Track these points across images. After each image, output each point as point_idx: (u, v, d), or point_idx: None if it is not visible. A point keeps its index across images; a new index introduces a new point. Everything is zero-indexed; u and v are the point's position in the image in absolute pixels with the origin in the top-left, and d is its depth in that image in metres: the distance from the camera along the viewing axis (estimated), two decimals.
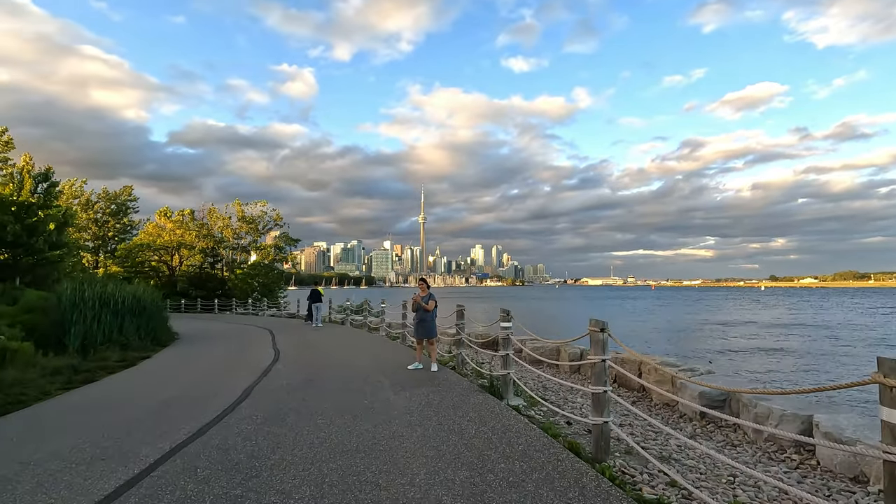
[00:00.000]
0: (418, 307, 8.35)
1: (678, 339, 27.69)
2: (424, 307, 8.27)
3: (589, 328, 4.30)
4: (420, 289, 8.60)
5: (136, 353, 11.71)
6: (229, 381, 7.57)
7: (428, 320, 8.33)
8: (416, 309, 8.43)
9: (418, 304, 8.31)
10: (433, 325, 8.39)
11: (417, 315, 8.42)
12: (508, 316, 6.65)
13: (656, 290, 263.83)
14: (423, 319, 8.34)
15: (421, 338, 8.52)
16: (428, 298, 8.37)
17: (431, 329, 8.37)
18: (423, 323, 8.34)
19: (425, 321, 8.34)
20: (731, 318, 44.96)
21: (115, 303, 12.82)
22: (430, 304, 8.31)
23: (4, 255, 20.90)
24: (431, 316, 8.37)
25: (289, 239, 43.82)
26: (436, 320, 8.49)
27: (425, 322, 8.34)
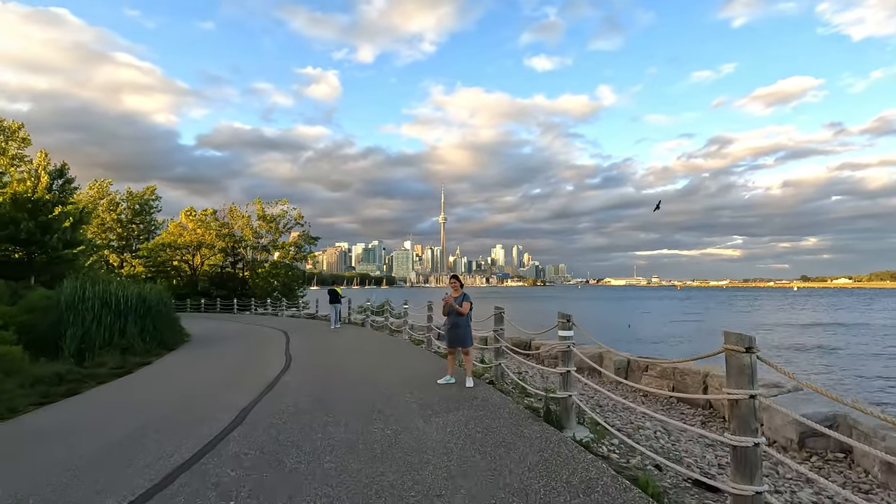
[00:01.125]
0: (450, 310, 6.99)
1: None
2: (458, 310, 6.90)
3: (725, 346, 2.85)
4: (452, 288, 7.21)
5: (138, 359, 10.66)
6: (227, 398, 6.34)
7: (462, 326, 6.96)
8: (447, 312, 7.05)
9: (450, 306, 6.94)
10: (468, 331, 7.01)
11: (449, 319, 7.05)
12: (569, 322, 5.23)
13: (682, 290, 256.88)
14: (457, 324, 6.97)
15: (453, 347, 7.15)
16: (462, 299, 6.99)
17: (466, 336, 6.99)
18: (457, 329, 6.97)
19: (459, 327, 6.96)
20: (781, 319, 42.30)
21: (117, 303, 11.83)
22: (465, 307, 6.93)
23: (19, 254, 20.39)
24: (466, 320, 7.00)
25: (309, 238, 43.09)
26: (471, 325, 7.11)
27: (459, 328, 6.97)
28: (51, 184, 21.28)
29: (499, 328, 7.50)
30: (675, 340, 27.76)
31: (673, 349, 24.14)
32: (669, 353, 21.97)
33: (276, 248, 41.66)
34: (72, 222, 21.71)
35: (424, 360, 9.68)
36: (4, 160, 21.12)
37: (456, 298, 6.99)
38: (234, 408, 5.77)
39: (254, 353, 11.50)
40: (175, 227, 42.20)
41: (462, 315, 6.90)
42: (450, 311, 6.97)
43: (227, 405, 5.93)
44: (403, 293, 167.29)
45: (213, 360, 10.70)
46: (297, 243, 42.45)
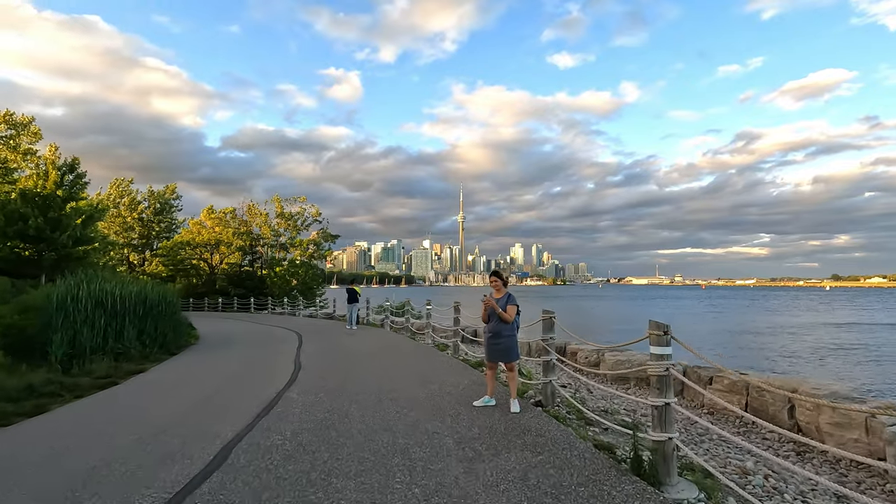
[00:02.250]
0: (492, 314, 5.59)
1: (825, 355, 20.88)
2: (502, 315, 5.48)
3: None
4: (493, 287, 5.75)
5: (132, 365, 9.55)
6: (212, 424, 5.07)
7: (505, 335, 5.53)
8: (488, 318, 5.65)
9: (492, 309, 5.55)
10: (514, 342, 5.58)
11: (490, 326, 5.63)
12: (666, 335, 3.76)
13: (707, 289, 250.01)
14: (498, 333, 5.55)
15: (495, 361, 5.74)
16: (505, 301, 5.55)
17: (511, 349, 5.56)
18: (498, 338, 5.55)
19: (501, 336, 5.54)
20: (829, 319, 39.63)
21: (113, 303, 10.76)
22: (510, 312, 5.50)
23: (29, 251, 19.75)
24: (511, 329, 5.56)
25: (328, 235, 42.19)
26: (517, 335, 5.67)
27: (501, 337, 5.54)
28: (61, 179, 20.58)
29: (548, 337, 6.05)
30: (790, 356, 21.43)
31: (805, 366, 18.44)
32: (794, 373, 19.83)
33: (294, 245, 40.83)
34: (83, 219, 21.00)
35: (452, 370, 8.29)
36: (16, 155, 20.56)
37: (499, 300, 5.56)
38: (216, 441, 4.48)
39: (260, 358, 10.29)
40: (194, 226, 41.79)
41: (506, 322, 5.49)
42: (491, 314, 5.58)
43: (210, 435, 4.65)
44: (422, 292, 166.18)
45: (213, 367, 9.51)
46: (316, 241, 41.57)
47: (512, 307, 5.49)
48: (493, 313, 5.53)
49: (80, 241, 20.54)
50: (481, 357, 9.82)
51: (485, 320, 5.67)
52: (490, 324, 5.60)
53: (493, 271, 5.80)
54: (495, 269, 5.86)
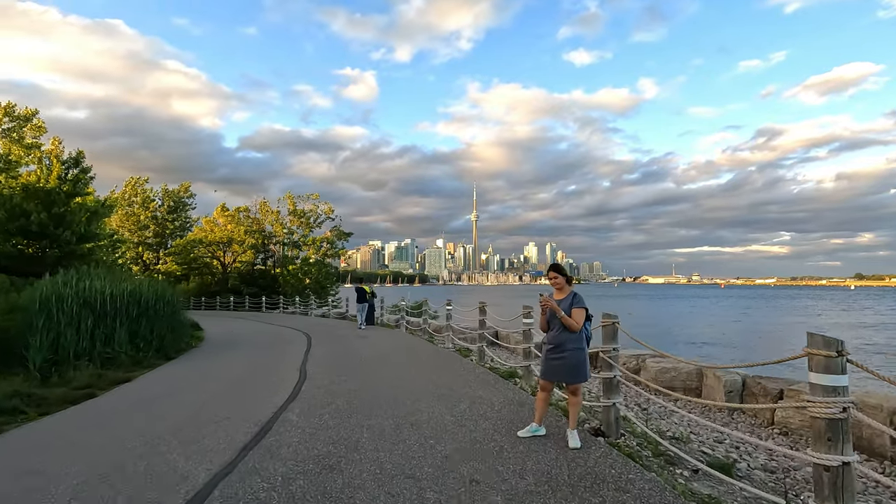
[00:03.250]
0: (552, 319, 4.32)
1: None
2: (567, 322, 4.19)
3: None
4: (553, 285, 4.47)
5: (119, 373, 8.52)
6: (183, 462, 3.93)
7: (571, 348, 4.22)
8: (547, 324, 4.36)
9: (552, 311, 4.27)
10: (583, 357, 4.26)
11: (551, 336, 4.34)
12: (841, 356, 2.48)
13: (726, 288, 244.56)
14: (560, 346, 4.24)
15: (553, 380, 4.44)
16: (570, 303, 4.28)
17: (578, 366, 4.23)
18: (562, 352, 4.24)
19: (564, 350, 4.23)
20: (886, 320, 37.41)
21: (102, 302, 9.77)
22: (577, 317, 4.22)
23: (32, 248, 19.04)
24: (579, 340, 4.25)
25: (341, 233, 41.27)
26: (586, 348, 4.40)
27: (565, 350, 4.22)
28: (65, 173, 19.84)
29: (611, 348, 4.79)
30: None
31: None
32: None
33: (307, 243, 39.98)
34: (88, 215, 20.26)
35: (481, 382, 7.07)
36: (20, 149, 19.89)
37: (561, 302, 4.29)
38: (180, 490, 3.33)
39: (263, 365, 9.19)
40: (207, 224, 41.25)
41: (572, 330, 4.21)
42: (551, 320, 4.33)
43: (175, 479, 3.50)
44: (436, 291, 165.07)
45: (209, 375, 8.44)
46: (330, 239, 40.67)
47: (579, 311, 4.23)
48: (553, 318, 4.28)
49: (85, 237, 19.78)
50: (511, 366, 8.58)
51: (543, 328, 4.42)
52: (551, 332, 4.34)
53: (553, 265, 4.49)
54: (555, 264, 4.54)
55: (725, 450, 5.63)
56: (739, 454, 5.56)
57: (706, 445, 5.60)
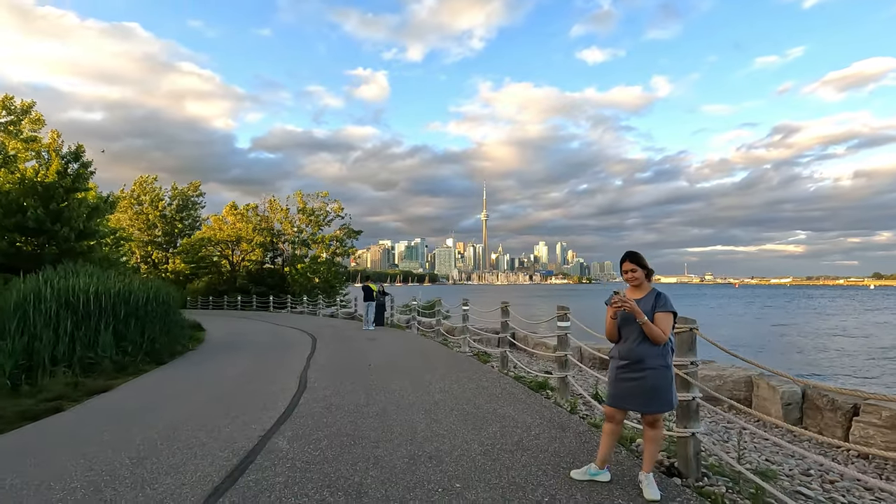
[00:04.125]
0: (624, 324, 3.23)
1: None
2: (650, 330, 3.10)
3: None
4: (629, 281, 3.34)
5: (100, 381, 7.60)
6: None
7: (653, 365, 3.11)
8: (618, 332, 3.28)
9: (624, 315, 3.19)
10: (668, 377, 3.18)
11: (624, 348, 3.24)
12: None
13: (741, 288, 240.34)
14: (640, 361, 3.14)
15: (626, 407, 3.29)
16: (653, 304, 3.18)
17: (662, 389, 3.13)
18: (640, 370, 3.13)
19: (645, 366, 3.12)
20: None
21: (85, 302, 8.89)
22: (662, 323, 3.13)
23: (30, 246, 18.33)
24: (663, 354, 3.15)
25: (351, 231, 40.42)
26: (671, 364, 3.26)
27: (645, 368, 3.12)
28: (65, 168, 19.12)
29: (688, 362, 3.71)
30: None
31: None
32: None
33: (316, 242, 39.18)
34: (88, 211, 19.53)
35: (509, 396, 6.02)
36: (17, 143, 19.24)
37: (641, 303, 3.19)
38: None
39: (261, 372, 8.23)
40: (216, 222, 40.67)
41: (656, 341, 3.11)
42: (623, 324, 3.23)
43: None
44: (446, 290, 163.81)
45: (198, 384, 7.48)
46: (339, 237, 39.83)
47: (666, 316, 3.15)
48: (627, 324, 3.20)
49: (85, 234, 19.03)
50: (537, 373, 7.51)
51: (612, 336, 3.32)
52: (623, 344, 3.24)
53: (629, 254, 3.34)
54: (632, 252, 3.34)
55: (820, 485, 4.52)
56: (840, 492, 4.45)
57: (797, 480, 4.50)
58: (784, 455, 5.62)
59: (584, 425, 4.73)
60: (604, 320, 3.40)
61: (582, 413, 5.53)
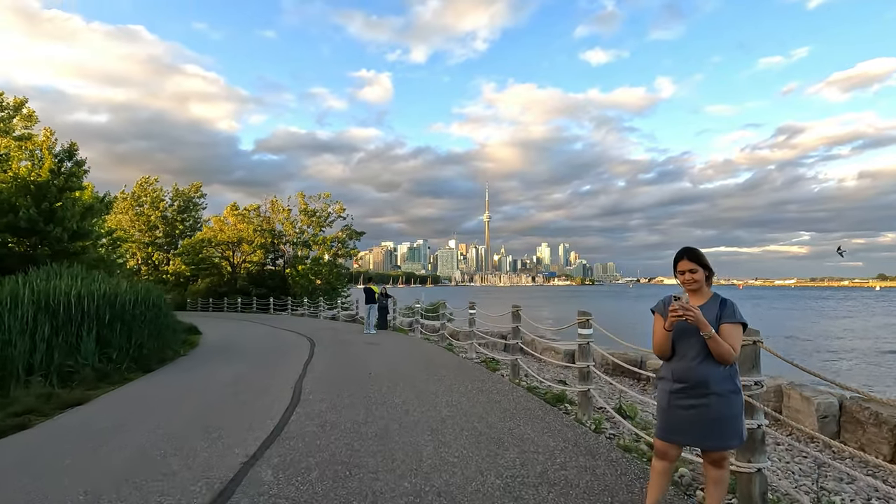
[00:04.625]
0: (680, 337, 2.57)
1: None
2: (717, 345, 2.46)
3: None
4: (686, 284, 2.67)
5: (77, 392, 6.99)
6: None
7: (718, 390, 2.48)
8: (672, 347, 2.61)
9: (681, 326, 2.52)
10: (737, 404, 2.54)
11: (681, 367, 2.56)
12: None
13: (745, 289, 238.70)
14: (703, 384, 2.49)
15: (684, 442, 2.66)
16: (717, 314, 2.55)
17: (730, 420, 2.49)
18: (702, 396, 2.49)
19: (709, 391, 2.48)
20: None
21: (66, 306, 8.31)
22: (730, 336, 2.49)
23: (22, 247, 17.80)
24: (730, 377, 2.52)
25: (353, 232, 39.85)
26: (741, 387, 2.61)
27: (708, 394, 2.48)
28: (58, 167, 18.60)
29: (751, 381, 3.07)
30: None
31: None
32: None
33: (317, 243, 38.62)
34: (82, 211, 18.99)
35: (523, 412, 5.39)
36: (8, 140, 18.73)
37: (703, 309, 2.55)
38: None
39: (253, 381, 7.63)
40: (217, 223, 40.19)
41: (723, 360, 2.48)
42: (680, 333, 2.59)
43: None
44: (449, 292, 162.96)
45: (185, 395, 6.88)
46: (341, 238, 39.26)
47: (735, 328, 2.54)
48: (684, 337, 2.57)
49: (78, 235, 18.49)
50: (560, 388, 6.87)
51: (664, 352, 2.65)
52: (679, 361, 2.60)
53: (687, 250, 2.68)
54: (689, 248, 2.69)
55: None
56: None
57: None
58: (835, 479, 4.98)
59: (614, 450, 4.11)
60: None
61: (608, 432, 4.91)
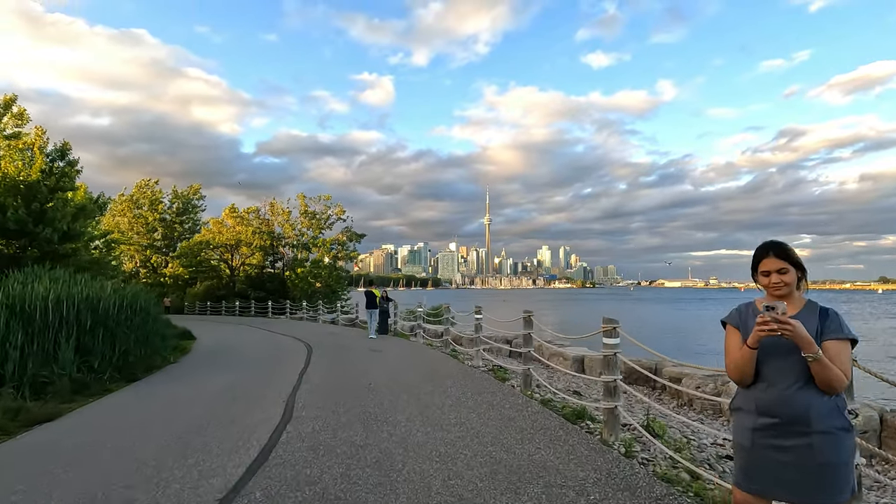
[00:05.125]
0: (775, 350, 1.95)
1: None
2: (825, 372, 1.87)
3: None
4: (772, 288, 2.03)
5: (49, 406, 6.39)
6: None
7: (821, 427, 1.88)
8: (756, 369, 1.99)
9: (788, 338, 1.88)
10: (849, 447, 1.94)
11: (772, 396, 1.97)
12: None
13: (746, 292, 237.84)
14: (802, 420, 1.91)
15: (771, 496, 2.00)
16: (817, 326, 1.95)
17: (837, 470, 1.90)
18: (802, 434, 1.89)
19: (810, 429, 1.90)
20: None
21: (43, 312, 7.71)
22: (842, 358, 1.89)
23: (11, 249, 17.24)
24: (837, 410, 1.93)
25: (353, 234, 39.26)
26: (852, 425, 2.02)
27: (810, 431, 1.90)
28: (50, 167, 18.06)
29: (847, 411, 2.48)
30: None
31: None
32: None
33: (317, 245, 38.02)
34: (74, 212, 18.43)
35: (542, 432, 4.79)
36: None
37: (800, 319, 1.93)
38: None
39: (243, 394, 7.03)
40: (215, 225, 39.64)
41: (833, 387, 1.88)
42: (769, 351, 1.96)
43: None
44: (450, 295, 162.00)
45: (167, 409, 6.28)
46: (341, 240, 38.66)
47: (842, 345, 1.94)
48: (778, 353, 1.97)
49: (69, 236, 17.93)
50: (579, 402, 6.26)
51: (744, 375, 2.03)
52: (768, 389, 1.99)
53: (773, 245, 2.08)
54: (776, 242, 2.09)
55: None
56: None
57: None
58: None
59: (656, 483, 3.49)
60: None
61: (640, 457, 4.31)
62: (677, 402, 9.01)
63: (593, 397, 8.17)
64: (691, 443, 5.57)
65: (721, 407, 7.86)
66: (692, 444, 5.53)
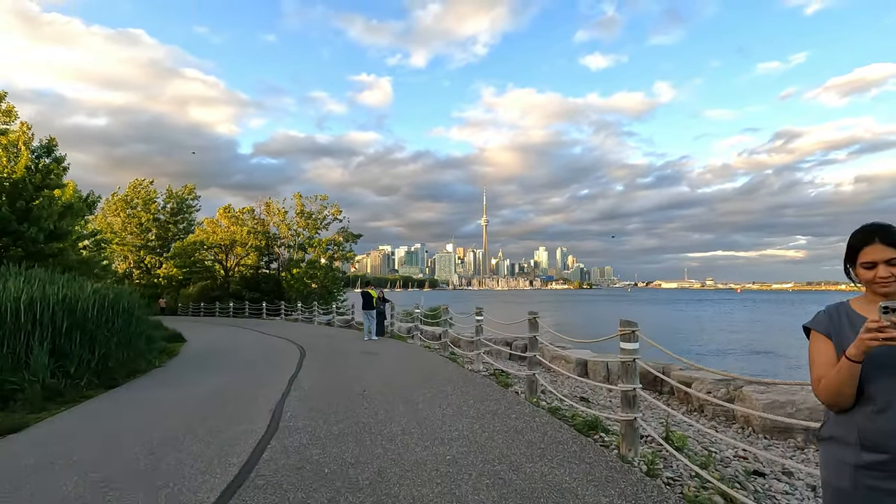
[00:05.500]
0: (873, 374, 1.50)
1: None
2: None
3: None
4: (877, 285, 1.57)
5: (17, 415, 5.94)
6: None
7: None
8: (859, 387, 1.52)
9: (878, 356, 1.47)
10: None
11: (884, 422, 1.51)
12: None
13: (743, 293, 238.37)
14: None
15: None
16: None
17: None
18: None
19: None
20: None
21: (13, 314, 7.21)
22: None
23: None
24: None
25: (349, 235, 38.75)
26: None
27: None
28: (36, 164, 17.51)
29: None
30: None
31: None
32: None
33: (313, 245, 37.49)
34: (60, 210, 17.89)
35: (555, 446, 4.33)
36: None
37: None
38: None
39: (228, 400, 6.55)
40: (210, 225, 39.05)
41: None
42: (881, 366, 1.50)
43: None
44: (447, 296, 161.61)
45: (141, 421, 5.79)
46: (337, 241, 38.13)
47: None
48: (880, 373, 1.51)
49: (56, 235, 17.39)
50: (591, 413, 5.81)
51: (843, 396, 1.54)
52: (879, 413, 1.51)
53: (877, 227, 1.58)
54: (881, 225, 1.58)
55: None
56: None
57: None
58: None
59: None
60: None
61: (664, 475, 3.86)
62: (686, 407, 8.58)
63: (601, 404, 7.73)
64: (713, 455, 5.13)
65: (734, 414, 7.44)
66: (714, 456, 5.08)
